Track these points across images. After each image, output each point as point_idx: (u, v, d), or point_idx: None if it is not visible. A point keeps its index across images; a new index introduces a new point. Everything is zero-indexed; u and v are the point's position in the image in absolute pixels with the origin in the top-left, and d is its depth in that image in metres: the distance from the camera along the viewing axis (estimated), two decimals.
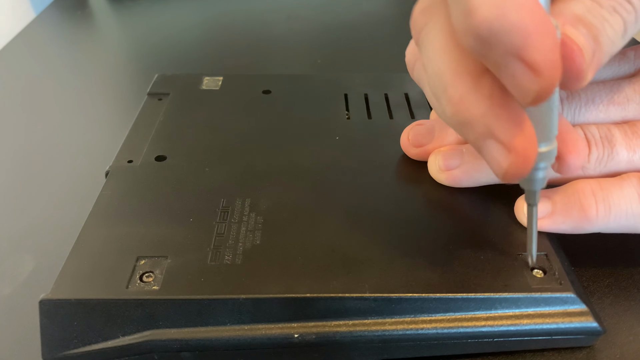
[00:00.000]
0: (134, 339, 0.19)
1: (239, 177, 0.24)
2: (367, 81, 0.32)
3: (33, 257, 0.25)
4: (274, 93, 0.31)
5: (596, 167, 0.21)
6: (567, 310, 0.19)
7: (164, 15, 0.50)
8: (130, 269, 0.19)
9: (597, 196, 0.20)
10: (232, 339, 0.19)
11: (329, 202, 0.23)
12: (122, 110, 0.36)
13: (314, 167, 0.25)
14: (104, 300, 0.18)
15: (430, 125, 0.25)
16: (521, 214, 0.21)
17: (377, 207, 0.22)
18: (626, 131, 0.21)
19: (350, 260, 0.20)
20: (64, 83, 0.40)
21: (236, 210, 0.22)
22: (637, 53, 0.24)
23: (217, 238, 0.21)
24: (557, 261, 0.20)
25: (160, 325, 0.19)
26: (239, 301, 0.19)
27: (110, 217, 0.22)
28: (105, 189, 0.23)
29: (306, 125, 0.28)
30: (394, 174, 0.25)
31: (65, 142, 0.33)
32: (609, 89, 0.22)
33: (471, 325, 0.19)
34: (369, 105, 0.30)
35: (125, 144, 0.26)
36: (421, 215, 0.22)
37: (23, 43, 0.45)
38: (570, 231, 0.21)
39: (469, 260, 0.20)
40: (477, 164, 0.22)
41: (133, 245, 0.20)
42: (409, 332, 0.19)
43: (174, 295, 0.18)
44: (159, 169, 0.25)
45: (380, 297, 0.19)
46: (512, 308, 0.19)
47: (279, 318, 0.19)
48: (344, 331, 0.19)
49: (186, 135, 0.27)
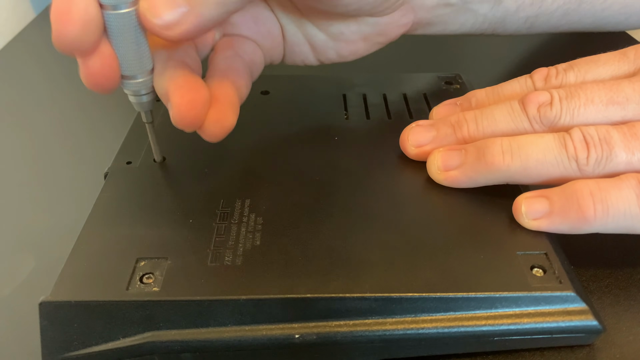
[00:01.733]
0: (134, 341, 0.19)
1: (239, 178, 0.24)
2: (366, 81, 0.32)
3: (33, 257, 0.25)
4: (273, 94, 0.31)
5: (594, 168, 0.21)
6: (567, 308, 0.19)
7: None
8: (130, 270, 0.19)
9: (595, 197, 0.20)
10: (232, 340, 0.19)
11: (328, 202, 0.23)
12: (121, 110, 0.36)
13: (313, 168, 0.25)
14: (104, 302, 0.18)
15: (430, 125, 0.25)
16: (520, 215, 0.21)
17: (377, 207, 0.23)
18: (625, 133, 0.21)
19: (351, 260, 0.20)
20: (64, 83, 0.39)
21: (236, 211, 0.22)
22: (637, 53, 0.24)
23: (217, 239, 0.21)
24: (557, 260, 0.20)
25: (160, 326, 0.19)
26: (240, 302, 0.19)
27: (109, 218, 0.22)
28: (105, 191, 0.23)
29: (305, 125, 0.28)
30: (393, 174, 0.25)
31: (65, 142, 0.33)
32: (609, 88, 0.22)
33: (471, 325, 0.19)
34: (367, 106, 0.30)
35: (124, 145, 0.26)
36: (421, 215, 0.22)
37: (23, 43, 0.45)
38: (568, 231, 0.21)
39: (469, 260, 0.20)
40: (476, 164, 0.23)
41: (133, 246, 0.20)
42: (409, 332, 0.19)
43: (174, 297, 0.18)
44: (158, 170, 0.25)
45: (381, 297, 0.19)
46: (512, 307, 0.19)
47: (279, 319, 0.19)
48: (345, 331, 0.19)
49: (185, 136, 0.27)
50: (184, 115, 0.21)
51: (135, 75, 0.21)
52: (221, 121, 0.22)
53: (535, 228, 0.21)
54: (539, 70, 0.25)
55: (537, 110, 0.23)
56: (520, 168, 0.22)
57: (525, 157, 0.22)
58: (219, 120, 0.22)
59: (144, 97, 0.22)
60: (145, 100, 0.22)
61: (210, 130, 0.22)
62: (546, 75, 0.25)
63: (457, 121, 0.24)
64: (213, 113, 0.22)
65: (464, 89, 0.31)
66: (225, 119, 0.22)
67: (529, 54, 0.41)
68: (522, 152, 0.22)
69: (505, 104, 0.24)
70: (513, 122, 0.23)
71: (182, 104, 0.21)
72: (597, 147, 0.21)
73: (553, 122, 0.23)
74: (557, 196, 0.21)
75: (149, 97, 0.22)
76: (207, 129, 0.22)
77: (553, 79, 0.25)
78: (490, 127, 0.24)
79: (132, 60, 0.21)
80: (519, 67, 0.40)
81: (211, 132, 0.22)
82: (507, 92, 0.26)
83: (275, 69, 0.30)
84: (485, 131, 0.24)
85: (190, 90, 0.21)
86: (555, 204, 0.21)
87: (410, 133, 0.25)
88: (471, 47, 0.43)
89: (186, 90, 0.21)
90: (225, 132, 0.22)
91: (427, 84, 0.31)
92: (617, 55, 0.24)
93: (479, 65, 0.40)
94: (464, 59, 0.41)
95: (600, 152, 0.21)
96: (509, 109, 0.23)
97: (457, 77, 0.32)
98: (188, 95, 0.21)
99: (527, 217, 0.21)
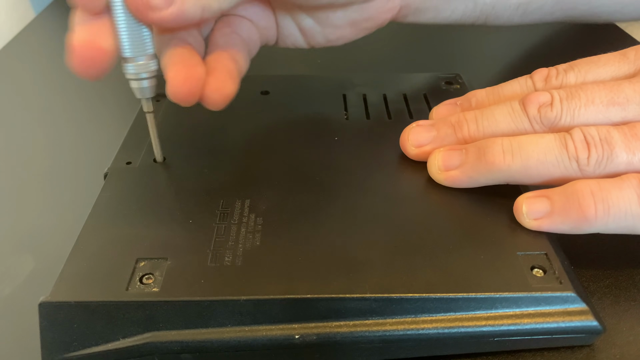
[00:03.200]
0: (134, 341, 0.18)
1: (238, 178, 0.24)
2: (366, 81, 0.32)
3: (33, 257, 0.25)
4: (273, 94, 0.31)
5: (595, 169, 0.21)
6: (568, 309, 0.19)
7: None
8: (130, 270, 0.19)
9: (596, 197, 0.20)
10: (232, 341, 0.19)
11: (328, 202, 0.23)
12: (121, 111, 0.36)
13: (313, 168, 0.25)
14: (104, 303, 0.18)
15: (430, 125, 0.25)
16: (521, 215, 0.21)
17: (377, 207, 0.22)
18: (626, 133, 0.21)
19: (351, 260, 0.20)
20: (64, 83, 0.39)
21: (236, 211, 0.22)
22: (637, 54, 0.24)
23: (217, 239, 0.21)
24: (557, 260, 0.20)
25: (160, 327, 0.19)
26: (240, 302, 0.19)
27: (109, 218, 0.22)
28: (104, 191, 0.23)
29: (305, 125, 0.28)
30: (393, 174, 0.25)
31: (65, 142, 0.33)
32: (609, 89, 0.22)
33: (472, 325, 0.19)
34: (367, 106, 0.30)
35: (124, 146, 0.26)
36: (421, 215, 0.22)
37: (23, 43, 0.45)
38: (569, 231, 0.21)
39: (469, 260, 0.20)
40: (477, 164, 0.22)
41: (132, 247, 0.20)
42: (409, 332, 0.19)
43: (174, 297, 0.18)
44: (158, 170, 0.25)
45: (381, 298, 0.19)
46: (513, 307, 0.19)
47: (279, 319, 0.19)
48: (345, 332, 0.19)
49: (185, 136, 0.27)
50: (178, 90, 0.22)
51: (136, 57, 0.22)
52: (220, 89, 0.23)
53: (536, 228, 0.21)
54: (539, 70, 0.25)
55: (538, 110, 0.23)
56: (521, 168, 0.22)
57: (525, 157, 0.22)
58: (219, 88, 0.23)
59: (145, 81, 0.23)
60: (146, 86, 0.23)
61: (210, 99, 0.23)
62: (546, 75, 0.25)
63: (458, 121, 0.24)
64: (212, 81, 0.23)
65: (464, 89, 0.31)
66: (224, 87, 0.23)
67: (529, 54, 0.41)
68: (522, 152, 0.22)
69: (505, 104, 0.24)
70: (513, 123, 0.23)
71: (176, 78, 0.22)
72: (598, 147, 0.21)
73: (553, 122, 0.22)
74: (557, 196, 0.21)
75: (150, 82, 0.23)
76: (208, 97, 0.23)
77: (553, 79, 0.25)
78: (491, 127, 0.24)
79: (134, 40, 0.21)
80: (519, 67, 0.40)
81: (212, 99, 0.23)
82: (507, 93, 0.26)
83: (275, 69, 0.30)
84: (486, 131, 0.24)
85: (185, 67, 0.22)
86: (556, 204, 0.21)
87: (411, 133, 0.25)
88: (471, 47, 0.43)
89: (181, 66, 0.22)
90: (225, 100, 0.23)
91: (427, 84, 0.31)
92: (617, 56, 0.24)
93: (479, 65, 0.40)
94: (464, 59, 0.41)
95: (601, 152, 0.21)
96: (509, 109, 0.23)
97: (457, 77, 0.32)
98: (183, 71, 0.22)
99: (528, 217, 0.21)
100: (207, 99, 0.23)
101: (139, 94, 0.23)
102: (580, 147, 0.21)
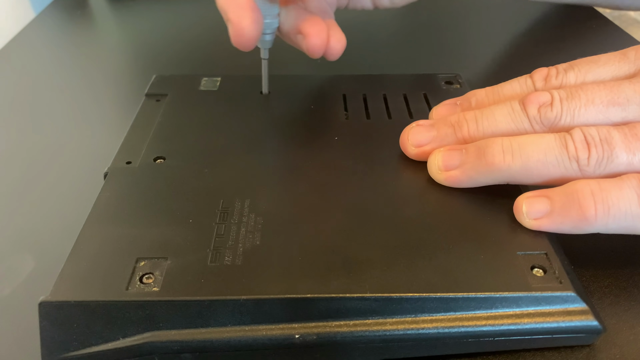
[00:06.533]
0: (134, 341, 0.19)
1: (238, 177, 0.24)
2: (366, 81, 0.32)
3: (33, 257, 0.25)
4: (273, 93, 0.31)
5: (595, 169, 0.21)
6: (568, 309, 0.19)
7: (163, 15, 0.50)
8: (130, 270, 0.19)
9: (596, 197, 0.20)
10: (232, 340, 0.19)
11: (328, 202, 0.23)
12: (121, 110, 0.36)
13: (313, 168, 0.25)
14: (104, 302, 0.18)
15: (430, 125, 0.25)
16: (521, 214, 0.21)
17: (377, 207, 0.22)
18: (626, 133, 0.21)
19: (351, 260, 0.20)
20: (63, 83, 0.39)
21: (236, 211, 0.22)
22: (637, 53, 0.24)
23: (217, 239, 0.21)
24: (557, 260, 0.20)
25: (160, 326, 0.19)
26: (240, 302, 0.19)
27: (109, 218, 0.22)
28: (104, 190, 0.23)
29: (305, 125, 0.28)
30: (393, 174, 0.25)
31: (65, 142, 0.33)
32: (609, 89, 0.22)
33: (472, 325, 0.19)
34: (367, 106, 0.30)
35: (124, 145, 0.26)
36: (421, 215, 0.22)
37: (23, 43, 0.45)
38: (569, 231, 0.21)
39: (469, 260, 0.20)
40: (477, 164, 0.22)
41: (132, 246, 0.20)
42: (409, 332, 0.19)
43: (174, 297, 0.18)
44: (158, 170, 0.25)
45: (381, 297, 0.19)
46: (513, 307, 0.19)
47: (279, 319, 0.19)
48: (345, 331, 0.19)
49: (185, 136, 0.27)
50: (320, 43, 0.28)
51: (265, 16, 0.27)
52: (341, 40, 0.29)
53: (536, 228, 0.21)
54: (539, 70, 0.25)
55: (538, 110, 0.23)
56: (521, 168, 0.22)
57: (526, 157, 0.22)
58: (340, 40, 0.29)
59: (267, 36, 0.29)
60: (267, 39, 0.29)
61: (334, 49, 0.29)
62: (546, 75, 0.25)
63: (457, 121, 0.24)
64: (334, 34, 0.29)
65: (464, 89, 0.31)
66: (343, 38, 0.29)
67: (529, 54, 0.41)
68: (522, 152, 0.22)
69: (505, 104, 0.24)
70: (513, 122, 0.23)
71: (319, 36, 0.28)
72: (598, 147, 0.21)
73: (553, 122, 0.22)
74: (558, 196, 0.21)
75: (270, 36, 0.29)
76: (333, 47, 0.29)
77: (553, 79, 0.25)
78: (491, 127, 0.24)
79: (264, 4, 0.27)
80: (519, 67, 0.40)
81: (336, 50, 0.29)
82: (507, 92, 0.26)
83: (275, 69, 0.30)
84: (486, 131, 0.24)
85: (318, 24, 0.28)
86: (556, 204, 0.21)
87: (411, 133, 0.25)
88: (471, 47, 0.43)
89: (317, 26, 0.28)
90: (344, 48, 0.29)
91: (427, 84, 0.31)
92: (617, 55, 0.24)
93: (479, 65, 0.40)
94: (464, 59, 0.41)
95: (601, 153, 0.21)
96: (509, 109, 0.23)
97: (457, 77, 0.32)
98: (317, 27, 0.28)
99: (528, 217, 0.21)
100: (332, 50, 0.28)
101: (261, 44, 0.29)
102: (580, 147, 0.21)
